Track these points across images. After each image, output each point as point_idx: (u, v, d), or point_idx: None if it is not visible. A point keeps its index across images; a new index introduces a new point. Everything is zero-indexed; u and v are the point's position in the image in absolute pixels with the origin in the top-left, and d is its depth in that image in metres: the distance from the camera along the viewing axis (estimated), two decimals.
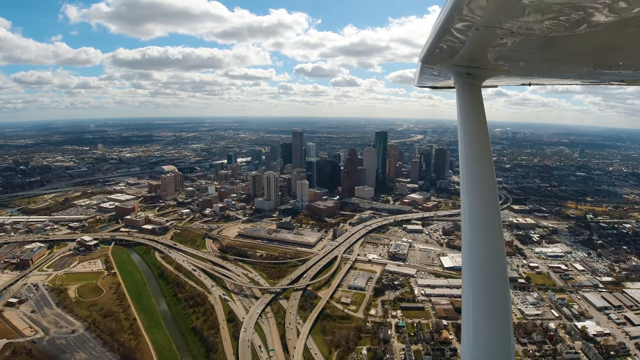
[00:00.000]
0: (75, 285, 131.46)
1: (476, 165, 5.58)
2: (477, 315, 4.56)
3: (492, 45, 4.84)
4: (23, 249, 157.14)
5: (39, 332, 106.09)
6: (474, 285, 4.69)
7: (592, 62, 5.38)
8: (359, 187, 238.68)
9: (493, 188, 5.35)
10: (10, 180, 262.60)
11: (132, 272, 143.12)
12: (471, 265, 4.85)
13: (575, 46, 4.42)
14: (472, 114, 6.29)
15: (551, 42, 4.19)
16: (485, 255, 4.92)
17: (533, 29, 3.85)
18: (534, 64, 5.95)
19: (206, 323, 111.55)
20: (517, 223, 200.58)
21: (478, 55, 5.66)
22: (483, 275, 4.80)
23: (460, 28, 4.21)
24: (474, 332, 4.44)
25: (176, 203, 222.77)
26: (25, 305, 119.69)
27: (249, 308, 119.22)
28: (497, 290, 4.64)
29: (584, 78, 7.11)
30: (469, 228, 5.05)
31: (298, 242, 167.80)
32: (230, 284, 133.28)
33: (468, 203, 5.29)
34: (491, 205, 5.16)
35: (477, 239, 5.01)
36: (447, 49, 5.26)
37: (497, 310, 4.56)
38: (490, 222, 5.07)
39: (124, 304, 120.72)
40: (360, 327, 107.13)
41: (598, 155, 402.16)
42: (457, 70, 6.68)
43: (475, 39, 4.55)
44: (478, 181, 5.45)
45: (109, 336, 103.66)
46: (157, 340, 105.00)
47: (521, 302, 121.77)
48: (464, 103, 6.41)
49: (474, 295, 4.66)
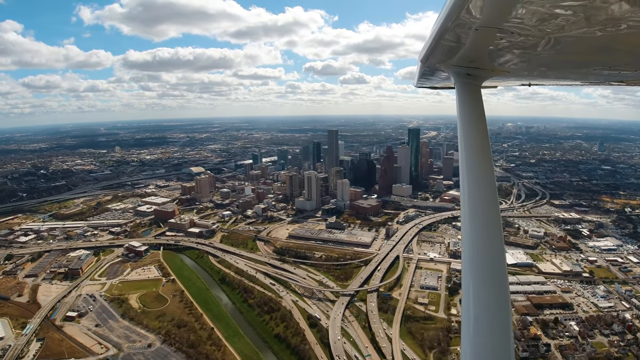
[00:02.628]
0: (135, 295, 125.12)
1: (476, 165, 5.51)
2: (478, 312, 4.54)
3: (492, 46, 4.82)
4: (69, 257, 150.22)
5: (110, 349, 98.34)
6: (475, 284, 4.66)
7: (592, 62, 5.35)
8: (396, 185, 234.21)
9: (493, 189, 5.29)
10: (34, 185, 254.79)
11: (190, 278, 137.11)
12: (472, 264, 4.78)
13: (574, 47, 4.41)
14: (472, 114, 6.21)
15: (551, 43, 4.24)
16: (486, 254, 4.89)
17: (532, 30, 3.86)
18: (533, 64, 5.86)
19: (288, 329, 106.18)
20: (564, 218, 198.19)
21: (478, 55, 5.66)
22: (484, 274, 4.75)
23: (460, 29, 4.22)
24: (475, 330, 4.43)
25: (213, 205, 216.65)
26: (87, 318, 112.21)
27: (327, 312, 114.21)
28: (497, 289, 4.63)
29: (583, 79, 7.10)
30: (470, 230, 5.01)
31: (353, 242, 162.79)
32: (299, 287, 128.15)
33: (468, 204, 5.23)
34: (491, 206, 5.12)
35: (477, 239, 4.98)
36: (447, 49, 5.27)
37: (498, 309, 4.56)
38: (490, 224, 5.03)
39: (194, 312, 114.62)
40: (447, 327, 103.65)
41: (617, 149, 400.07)
42: (456, 70, 6.64)
43: (475, 40, 4.55)
44: (478, 182, 5.37)
45: (191, 348, 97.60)
46: (242, 349, 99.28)
47: (592, 296, 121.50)
48: (464, 103, 6.35)
49: (475, 294, 4.65)
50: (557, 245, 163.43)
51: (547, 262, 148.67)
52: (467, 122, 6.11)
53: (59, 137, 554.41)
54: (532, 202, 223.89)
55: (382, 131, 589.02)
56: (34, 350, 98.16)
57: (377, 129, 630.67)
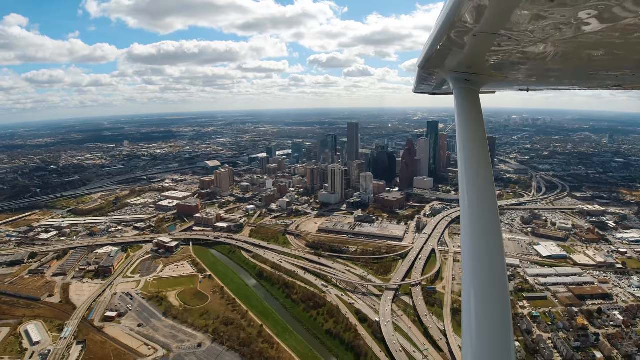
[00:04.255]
0: (172, 292, 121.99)
1: (475, 170, 5.49)
2: (478, 310, 4.59)
3: (490, 52, 4.83)
4: (97, 255, 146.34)
5: (159, 350, 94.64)
6: (475, 283, 4.73)
7: (590, 67, 5.38)
8: (417, 178, 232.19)
9: (492, 193, 5.28)
10: (47, 181, 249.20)
11: (226, 274, 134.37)
12: (472, 266, 4.82)
13: (572, 52, 4.43)
14: (471, 119, 6.17)
15: (548, 49, 4.26)
16: (486, 257, 4.89)
17: (530, 36, 3.88)
18: (531, 70, 5.89)
19: (338, 325, 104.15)
20: (588, 210, 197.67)
21: (476, 61, 5.67)
22: (484, 275, 4.80)
23: (458, 35, 4.23)
24: (476, 328, 4.49)
25: (235, 199, 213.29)
26: (127, 318, 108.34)
27: (373, 306, 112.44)
28: (497, 288, 4.69)
29: (582, 83, 7.14)
30: (470, 234, 5.00)
31: (385, 235, 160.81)
32: (340, 281, 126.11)
33: (468, 208, 5.20)
34: (490, 210, 5.12)
35: (477, 244, 4.97)
36: (445, 55, 5.28)
37: (498, 307, 4.61)
38: (489, 227, 5.02)
39: (238, 309, 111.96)
40: None
41: (626, 141, 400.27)
42: (455, 76, 6.63)
43: (473, 46, 4.56)
44: (477, 186, 5.37)
45: (243, 347, 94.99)
46: (295, 347, 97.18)
47: (627, 287, 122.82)
48: (462, 109, 6.34)
49: (476, 292, 4.72)
50: (587, 237, 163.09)
51: (580, 254, 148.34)
52: (466, 127, 6.02)
53: (64, 132, 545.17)
54: (553, 194, 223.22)
55: (388, 124, 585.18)
56: (75, 354, 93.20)
57: (382, 121, 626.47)
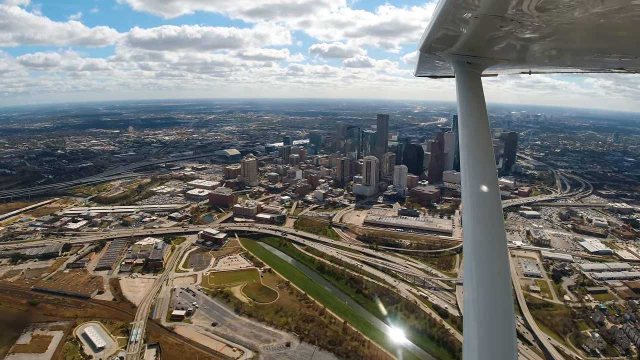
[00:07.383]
0: (235, 287, 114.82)
1: (477, 154, 5.44)
2: (479, 308, 4.49)
3: (492, 34, 4.79)
4: (142, 247, 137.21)
5: (245, 352, 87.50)
6: (477, 275, 4.60)
7: (592, 49, 5.33)
8: (447, 172, 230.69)
9: (494, 177, 5.23)
10: (58, 166, 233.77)
11: (285, 268, 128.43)
12: (473, 253, 4.72)
13: (575, 33, 4.40)
14: (473, 103, 6.09)
15: (551, 30, 4.22)
16: (487, 242, 4.85)
17: (533, 17, 3.86)
18: (534, 52, 5.86)
19: (421, 321, 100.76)
20: (618, 208, 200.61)
21: (478, 44, 5.64)
22: (486, 262, 4.70)
23: (460, 17, 4.21)
24: (478, 326, 4.42)
25: (265, 189, 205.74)
26: (197, 317, 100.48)
27: (449, 301, 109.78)
28: (499, 278, 4.61)
29: (584, 66, 7.10)
30: (471, 217, 4.95)
31: (434, 229, 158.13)
32: (405, 276, 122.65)
33: (470, 193, 5.13)
34: (492, 195, 5.09)
35: (478, 227, 4.92)
36: (447, 37, 5.24)
37: (500, 305, 4.54)
38: (491, 211, 5.02)
39: (313, 305, 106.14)
40: (569, 313, 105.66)
41: (630, 141, 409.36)
42: (456, 59, 6.56)
43: (475, 28, 4.52)
44: (479, 170, 5.30)
45: (335, 345, 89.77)
46: (385, 344, 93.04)
47: None
48: (464, 92, 6.24)
49: (478, 287, 4.60)
50: (624, 234, 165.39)
51: (622, 249, 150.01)
52: (468, 110, 5.89)
53: (60, 116, 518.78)
54: (579, 192, 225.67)
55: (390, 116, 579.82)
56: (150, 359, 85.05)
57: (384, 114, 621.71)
